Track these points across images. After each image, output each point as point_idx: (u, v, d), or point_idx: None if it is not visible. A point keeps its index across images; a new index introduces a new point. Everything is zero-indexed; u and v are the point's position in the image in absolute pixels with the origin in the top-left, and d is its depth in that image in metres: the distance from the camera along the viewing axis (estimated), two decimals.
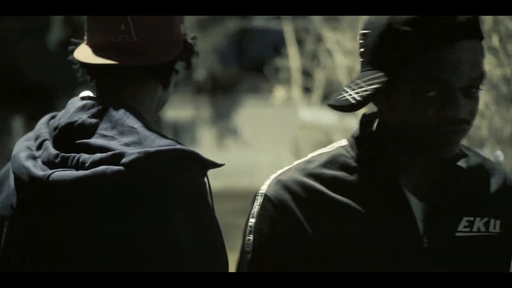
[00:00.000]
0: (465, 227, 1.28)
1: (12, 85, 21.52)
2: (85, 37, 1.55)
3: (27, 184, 1.38)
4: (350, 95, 1.24)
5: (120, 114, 1.39)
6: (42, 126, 1.47)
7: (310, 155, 1.34)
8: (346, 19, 4.19)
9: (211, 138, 14.49)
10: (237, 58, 24.85)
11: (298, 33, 5.29)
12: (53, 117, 1.48)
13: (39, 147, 1.42)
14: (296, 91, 5.30)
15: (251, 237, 1.31)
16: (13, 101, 20.96)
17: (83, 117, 1.40)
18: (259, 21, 5.03)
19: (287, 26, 5.16)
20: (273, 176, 1.35)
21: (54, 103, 14.76)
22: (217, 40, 16.61)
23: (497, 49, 2.73)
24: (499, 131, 2.98)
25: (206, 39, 16.50)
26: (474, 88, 1.22)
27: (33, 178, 1.36)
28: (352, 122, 4.59)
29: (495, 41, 2.74)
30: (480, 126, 2.99)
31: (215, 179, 1.68)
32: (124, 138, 1.36)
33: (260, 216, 1.31)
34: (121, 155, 1.32)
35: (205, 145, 11.98)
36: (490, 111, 2.93)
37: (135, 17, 1.49)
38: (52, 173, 1.34)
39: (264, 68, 6.26)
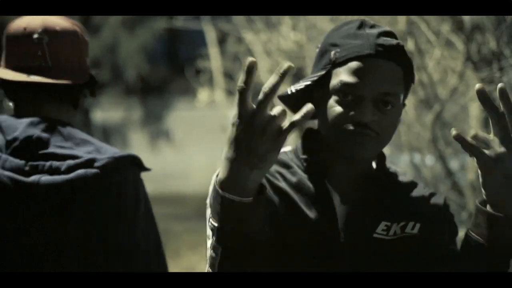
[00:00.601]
0: (382, 230, 1.41)
1: None
2: (3, 61, 1.74)
3: (13, 189, 1.56)
4: (291, 89, 1.43)
5: (68, 130, 1.66)
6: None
7: None
8: (263, 19, 4.26)
9: (143, 140, 14.36)
10: (166, 58, 24.65)
11: (220, 34, 5.31)
12: None
13: None
14: (219, 93, 5.37)
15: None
16: None
17: (37, 132, 1.62)
18: (180, 22, 5.04)
19: (208, 27, 5.19)
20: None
21: None
22: (145, 40, 16.45)
23: (413, 53, 2.73)
24: (418, 136, 3.03)
25: (134, 38, 16.33)
26: (385, 102, 1.36)
27: (22, 184, 1.57)
28: None
29: (410, 45, 2.75)
30: (399, 131, 3.01)
31: (148, 183, 1.78)
32: (83, 148, 1.63)
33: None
34: (94, 160, 1.60)
35: (137, 147, 11.84)
36: (408, 116, 2.97)
37: (50, 44, 1.70)
38: (41, 177, 1.58)
39: (186, 70, 6.24)
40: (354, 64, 1.35)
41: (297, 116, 1.09)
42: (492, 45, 2.62)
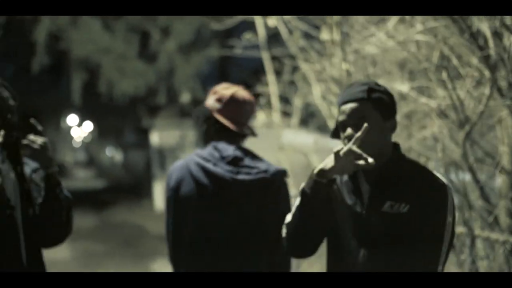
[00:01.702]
0: (388, 207, 2.18)
1: None
2: (223, 113, 2.98)
3: (228, 181, 2.86)
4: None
5: (252, 153, 2.98)
6: (213, 152, 2.92)
7: None
8: (316, 49, 4.86)
9: None
10: (218, 82, 25.25)
11: (275, 62, 5.88)
12: (215, 149, 2.93)
13: (216, 161, 2.90)
14: (276, 115, 5.91)
15: None
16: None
17: (239, 153, 2.92)
18: (238, 50, 5.56)
19: (265, 55, 5.71)
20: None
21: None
22: (199, 65, 17.13)
23: (446, 82, 3.26)
24: (451, 153, 3.51)
25: (189, 64, 16.99)
26: (358, 127, 2.16)
27: (234, 179, 2.87)
28: (327, 143, 5.18)
29: (444, 75, 3.29)
30: (435, 148, 3.59)
31: None
32: (261, 163, 2.95)
33: None
34: (268, 170, 2.91)
35: None
36: (442, 135, 3.48)
37: (251, 111, 3.05)
38: (244, 177, 2.87)
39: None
40: (340, 106, 2.26)
41: (359, 133, 2.09)
42: None
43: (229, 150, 2.92)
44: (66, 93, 18.66)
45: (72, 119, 34.86)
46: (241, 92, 3.01)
